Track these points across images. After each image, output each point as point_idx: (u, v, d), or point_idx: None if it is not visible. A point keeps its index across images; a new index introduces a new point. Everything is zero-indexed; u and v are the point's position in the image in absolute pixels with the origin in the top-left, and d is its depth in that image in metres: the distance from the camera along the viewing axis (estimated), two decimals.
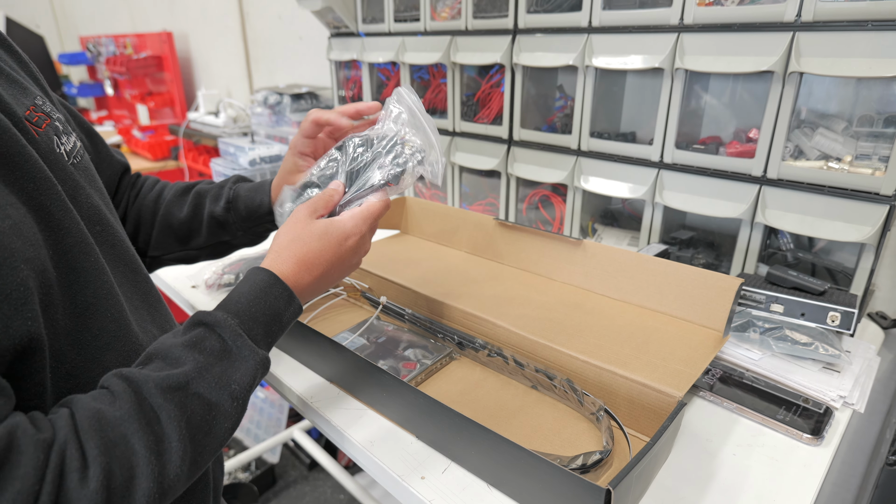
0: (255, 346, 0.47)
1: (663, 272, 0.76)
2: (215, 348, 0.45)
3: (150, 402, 0.40)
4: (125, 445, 0.37)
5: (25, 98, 0.48)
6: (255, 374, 0.46)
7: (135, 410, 0.39)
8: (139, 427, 0.38)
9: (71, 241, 0.45)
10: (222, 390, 0.43)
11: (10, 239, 0.37)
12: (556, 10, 1.05)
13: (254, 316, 0.48)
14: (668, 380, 0.61)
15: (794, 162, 0.85)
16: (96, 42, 3.08)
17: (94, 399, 0.39)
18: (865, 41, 0.73)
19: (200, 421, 0.41)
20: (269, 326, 0.49)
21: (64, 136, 0.51)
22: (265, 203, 0.71)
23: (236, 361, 0.45)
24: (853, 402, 0.69)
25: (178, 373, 0.42)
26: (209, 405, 0.42)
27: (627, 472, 0.47)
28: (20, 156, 0.42)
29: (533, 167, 1.16)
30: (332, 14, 1.46)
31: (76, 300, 0.45)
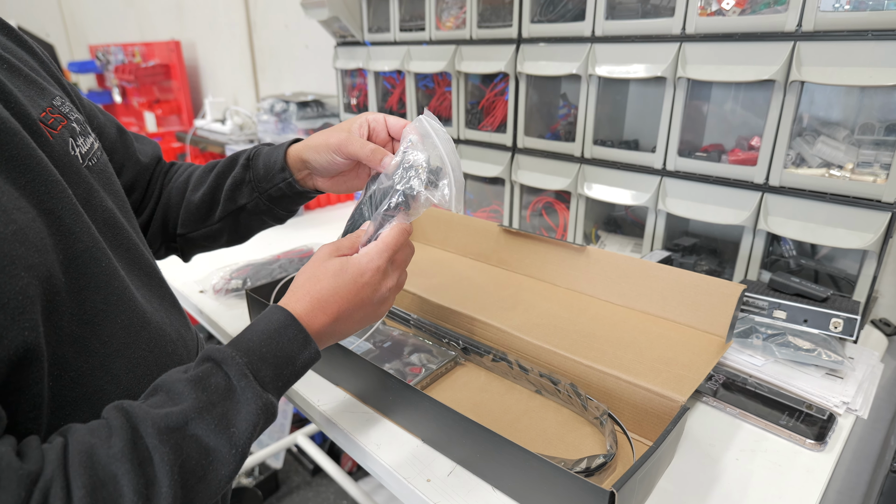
0: (261, 388, 0.44)
1: (666, 278, 0.77)
2: (220, 386, 0.43)
3: (145, 441, 0.38)
4: (113, 486, 0.35)
5: (42, 99, 0.48)
6: (258, 421, 0.43)
7: (128, 449, 0.37)
8: (130, 468, 0.36)
9: (81, 246, 0.44)
10: (221, 434, 0.41)
11: (11, 245, 0.37)
12: (560, 20, 1.06)
13: (264, 356, 0.45)
14: (672, 384, 0.61)
15: (796, 169, 0.85)
16: (105, 50, 3.12)
17: (90, 432, 0.38)
18: (866, 51, 0.74)
19: (195, 466, 0.39)
20: (280, 369, 0.46)
21: (81, 137, 0.50)
22: (279, 160, 0.66)
23: (239, 404, 0.42)
24: (856, 408, 0.69)
25: (176, 411, 0.40)
26: (206, 450, 0.40)
27: (631, 474, 0.48)
28: (31, 159, 0.41)
29: (537, 174, 1.17)
30: (338, 23, 1.48)
31: (85, 306, 0.44)
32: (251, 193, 0.69)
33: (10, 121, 0.41)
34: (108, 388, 0.46)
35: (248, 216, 0.71)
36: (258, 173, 0.68)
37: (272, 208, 0.70)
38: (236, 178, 0.68)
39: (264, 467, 1.90)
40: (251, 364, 0.44)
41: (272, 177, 0.67)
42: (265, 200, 0.69)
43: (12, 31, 0.52)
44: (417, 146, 0.58)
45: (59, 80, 0.55)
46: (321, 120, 1.78)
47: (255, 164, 0.68)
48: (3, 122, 0.40)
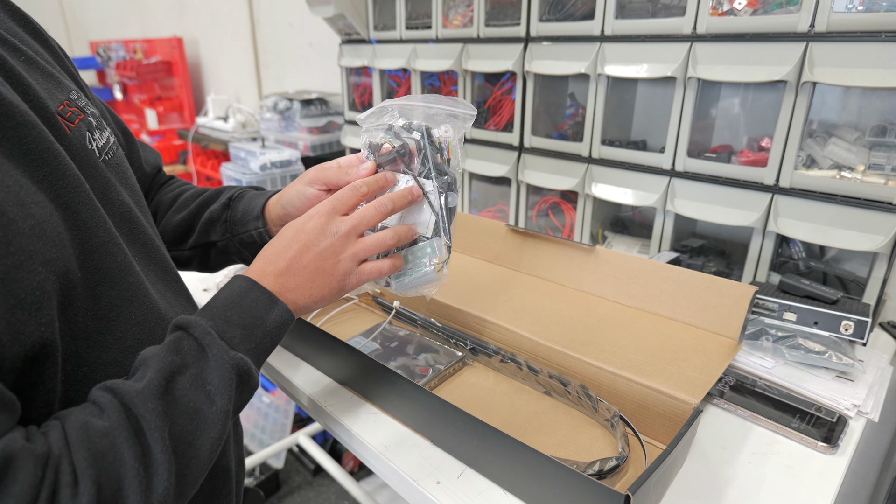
0: (228, 346, 0.45)
1: (676, 279, 0.76)
2: (192, 348, 0.44)
3: (133, 412, 0.39)
4: (113, 456, 0.36)
5: (60, 92, 0.47)
6: (230, 377, 0.43)
7: (121, 420, 0.38)
8: (127, 436, 0.37)
9: (97, 241, 0.44)
10: (198, 391, 0.42)
11: (29, 240, 0.37)
12: (569, 19, 1.06)
13: (228, 319, 0.46)
14: (684, 386, 0.61)
15: (807, 171, 0.85)
16: (106, 47, 3.12)
17: (82, 411, 0.38)
18: (879, 52, 0.74)
19: (182, 431, 0.40)
20: (249, 330, 0.47)
21: (97, 131, 0.50)
22: (257, 207, 0.66)
23: (210, 362, 0.43)
24: (867, 410, 0.69)
25: (155, 377, 0.41)
26: (189, 412, 0.41)
27: (646, 477, 0.47)
28: (49, 153, 0.41)
29: (543, 174, 1.17)
30: (343, 21, 1.47)
31: (100, 302, 0.44)
32: (224, 233, 0.69)
33: (29, 114, 0.40)
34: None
35: (218, 253, 0.70)
36: (235, 215, 0.68)
37: (241, 251, 0.69)
38: (213, 214, 0.69)
39: (265, 467, 1.90)
40: (216, 326, 0.45)
41: (246, 222, 0.67)
42: (236, 243, 0.68)
43: (29, 21, 0.51)
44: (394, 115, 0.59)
45: (73, 74, 0.55)
46: (325, 118, 1.78)
47: (235, 206, 0.68)
48: (22, 115, 0.40)
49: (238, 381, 0.44)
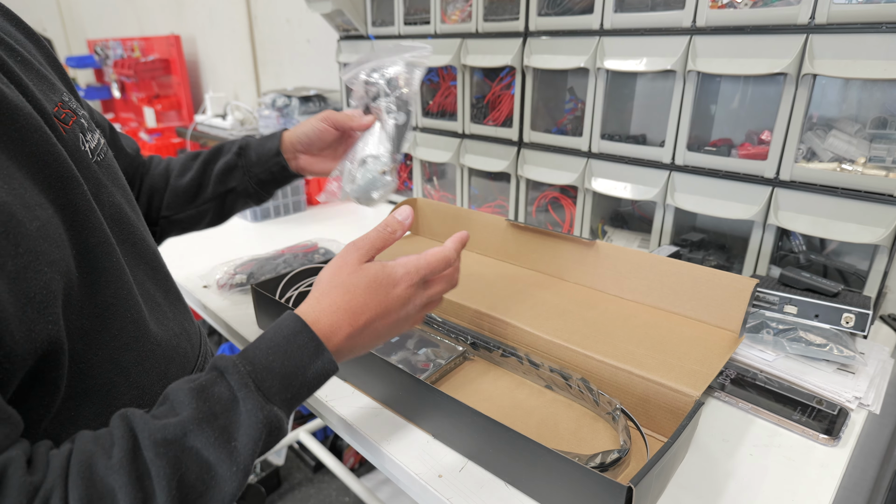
0: (264, 400, 0.41)
1: (677, 273, 0.76)
2: (222, 397, 0.40)
3: (143, 454, 0.36)
4: (110, 500, 0.34)
5: (53, 94, 0.47)
6: (260, 435, 0.40)
7: (127, 461, 0.36)
8: (128, 481, 0.35)
9: (94, 241, 0.44)
10: (221, 448, 0.38)
11: (36, 242, 0.37)
12: (568, 13, 1.05)
13: (269, 366, 0.42)
14: (685, 379, 0.61)
15: (807, 164, 0.85)
16: (104, 45, 3.10)
17: (94, 440, 0.37)
18: (880, 43, 0.73)
19: (195, 481, 0.37)
20: (288, 380, 0.43)
21: (89, 133, 0.50)
22: (274, 147, 0.76)
23: (241, 416, 0.40)
24: (869, 403, 0.69)
25: (174, 422, 0.38)
26: (206, 465, 0.38)
27: (648, 469, 0.47)
28: (50, 155, 0.41)
29: (543, 169, 1.17)
30: (341, 17, 1.47)
31: (96, 300, 0.44)
32: (242, 177, 0.77)
33: (32, 116, 0.41)
34: (117, 380, 0.46)
35: (234, 198, 0.79)
36: (250, 159, 0.77)
37: (258, 191, 0.79)
38: (228, 163, 0.76)
39: (266, 464, 1.90)
40: (255, 374, 0.42)
41: (265, 161, 0.76)
42: (254, 184, 0.78)
43: (21, 22, 0.51)
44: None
45: (62, 75, 0.55)
46: None
47: (247, 153, 0.77)
48: (26, 117, 0.40)
49: (266, 436, 0.41)
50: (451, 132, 1.34)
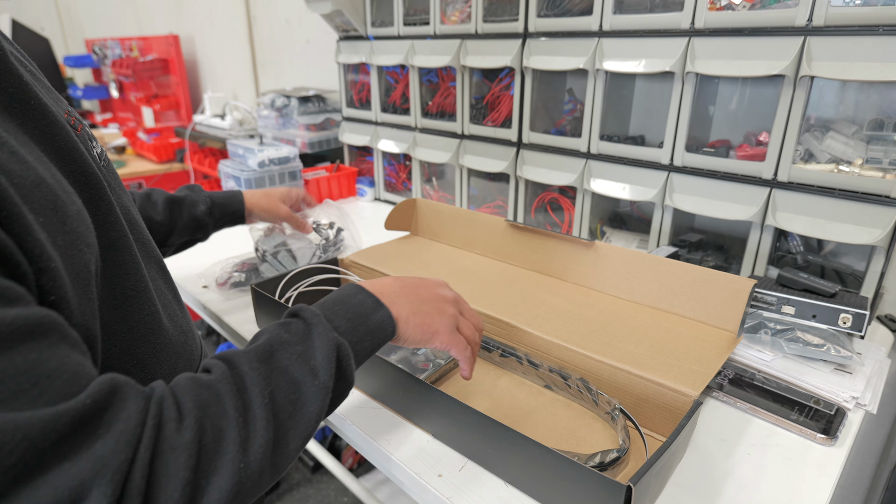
0: (333, 330, 0.47)
1: (676, 273, 0.76)
2: (299, 329, 0.46)
3: (239, 369, 0.41)
4: (217, 406, 0.38)
5: (60, 104, 0.49)
6: (332, 355, 0.45)
7: (226, 376, 0.40)
8: (230, 390, 0.39)
9: (115, 234, 0.47)
10: (303, 364, 0.44)
11: (76, 223, 0.39)
12: (567, 15, 1.06)
13: (335, 311, 0.49)
14: (684, 379, 0.61)
15: (805, 165, 0.85)
16: (102, 45, 3.10)
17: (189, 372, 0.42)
18: (877, 45, 0.74)
19: (283, 400, 0.41)
20: (353, 322, 0.49)
21: (93, 140, 0.52)
22: (240, 210, 0.94)
23: (316, 340, 0.46)
24: (866, 402, 0.69)
25: (263, 342, 0.44)
26: (292, 382, 0.42)
27: (647, 468, 0.47)
28: (75, 151, 0.44)
29: (542, 170, 1.17)
30: (341, 17, 1.47)
31: (115, 292, 0.46)
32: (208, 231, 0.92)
33: (57, 115, 0.43)
34: (133, 371, 0.47)
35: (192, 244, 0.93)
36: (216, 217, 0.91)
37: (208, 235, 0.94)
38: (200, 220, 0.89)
39: None
40: (324, 313, 0.48)
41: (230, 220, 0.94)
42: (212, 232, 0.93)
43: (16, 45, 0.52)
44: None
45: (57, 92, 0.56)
46: (323, 115, 1.77)
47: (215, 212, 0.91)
48: (53, 114, 0.42)
49: (337, 363, 0.46)
50: (451, 133, 1.34)
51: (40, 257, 0.34)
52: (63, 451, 0.30)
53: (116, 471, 0.31)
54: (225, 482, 0.36)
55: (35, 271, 0.34)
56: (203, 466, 0.35)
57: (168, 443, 0.34)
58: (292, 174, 1.48)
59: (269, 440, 0.39)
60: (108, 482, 0.30)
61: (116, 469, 0.31)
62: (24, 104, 0.40)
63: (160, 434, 0.34)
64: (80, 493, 0.29)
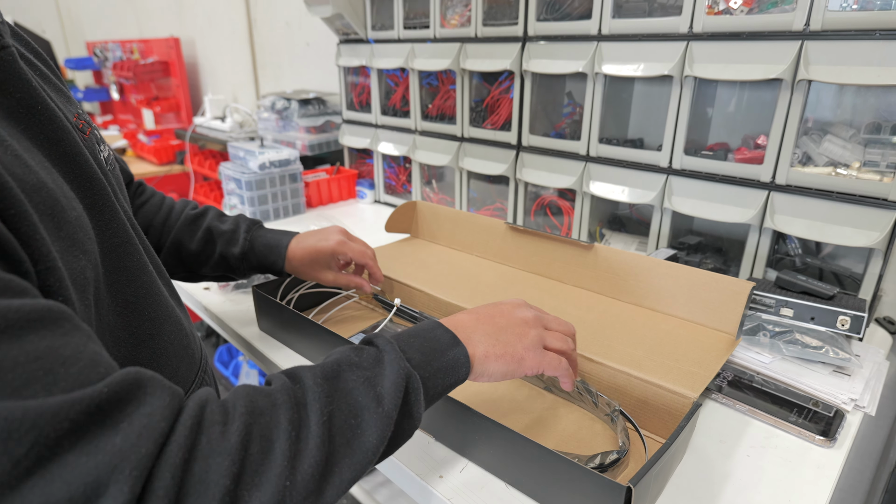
0: (406, 361, 0.45)
1: (675, 276, 0.77)
2: (371, 355, 0.45)
3: (302, 383, 0.39)
4: (271, 414, 0.36)
5: (70, 106, 0.50)
6: (401, 385, 0.43)
7: (287, 388, 0.38)
8: (287, 400, 0.37)
9: (118, 240, 0.47)
10: (369, 389, 0.41)
11: (74, 229, 0.39)
12: (566, 18, 1.06)
13: (409, 343, 0.47)
14: (683, 381, 0.62)
15: (803, 168, 0.86)
16: (103, 47, 3.11)
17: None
18: (874, 50, 0.74)
19: (343, 423, 0.39)
20: (427, 357, 0.47)
21: (101, 144, 0.53)
22: (278, 264, 0.79)
23: (386, 367, 0.43)
24: (864, 404, 0.70)
25: (330, 361, 0.43)
26: (354, 406, 0.40)
27: (647, 470, 0.48)
28: (80, 156, 0.44)
29: (541, 173, 1.17)
30: (341, 21, 1.47)
31: (117, 298, 0.46)
32: (243, 274, 0.81)
33: (64, 120, 0.43)
34: None
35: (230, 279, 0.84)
36: (251, 264, 0.80)
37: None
38: (231, 263, 0.79)
39: None
40: (399, 342, 0.47)
41: (263, 266, 0.80)
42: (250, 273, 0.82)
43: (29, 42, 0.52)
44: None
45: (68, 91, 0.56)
46: (323, 117, 1.78)
47: (249, 258, 0.79)
48: (59, 119, 0.42)
49: (405, 395, 0.43)
50: (450, 136, 1.34)
51: (47, 257, 0.34)
52: (78, 443, 0.28)
53: (135, 467, 0.29)
54: (267, 499, 0.33)
55: (42, 271, 0.34)
56: (246, 478, 0.33)
57: (210, 446, 0.32)
58: (293, 176, 1.48)
59: (321, 461, 0.36)
60: (126, 478, 0.28)
61: (135, 465, 0.29)
62: (30, 109, 0.41)
63: (200, 436, 0.32)
64: (95, 488, 0.28)
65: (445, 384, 0.47)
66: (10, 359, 0.28)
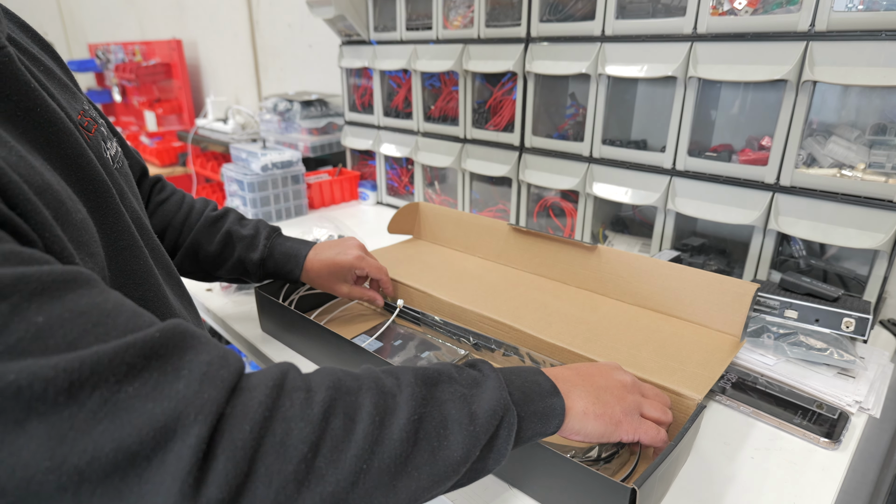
0: (507, 391, 0.43)
1: (679, 277, 0.76)
2: (471, 376, 0.43)
3: (399, 377, 0.38)
4: (356, 396, 0.35)
5: (76, 103, 0.49)
6: (497, 410, 0.41)
7: (374, 375, 0.38)
8: (376, 386, 0.36)
9: (123, 243, 0.46)
10: (464, 405, 0.40)
11: (79, 232, 0.38)
12: (569, 19, 1.06)
13: (511, 379, 0.45)
14: (687, 382, 0.61)
15: (807, 169, 0.86)
16: (105, 49, 3.12)
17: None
18: (879, 50, 0.74)
19: (431, 431, 0.37)
20: (527, 397, 0.44)
21: (108, 141, 0.52)
22: (295, 273, 0.80)
23: (486, 392, 0.42)
24: (869, 407, 0.69)
25: (431, 370, 0.42)
26: (445, 418, 0.38)
27: (651, 471, 0.47)
28: (82, 158, 0.43)
29: (544, 174, 1.17)
30: (344, 22, 1.48)
31: None
32: (259, 279, 0.82)
33: (65, 121, 0.42)
34: None
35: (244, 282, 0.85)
36: (268, 271, 0.80)
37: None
38: (248, 268, 0.79)
39: None
40: (504, 376, 0.44)
41: (281, 274, 0.80)
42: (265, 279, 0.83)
43: (35, 33, 0.52)
44: None
45: (77, 86, 0.56)
46: (325, 119, 1.78)
47: (266, 265, 0.80)
48: (61, 121, 0.41)
49: (498, 425, 0.41)
50: (453, 137, 1.34)
51: (62, 253, 0.34)
52: (141, 388, 0.28)
53: (200, 412, 0.29)
54: (342, 477, 0.32)
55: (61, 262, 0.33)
56: (325, 451, 0.32)
57: (294, 410, 0.32)
58: (295, 178, 1.48)
59: (401, 457, 0.34)
60: (192, 423, 0.28)
61: (200, 410, 0.29)
62: (28, 112, 0.40)
63: (283, 398, 0.32)
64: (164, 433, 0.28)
65: (536, 431, 0.45)
66: (55, 317, 0.28)
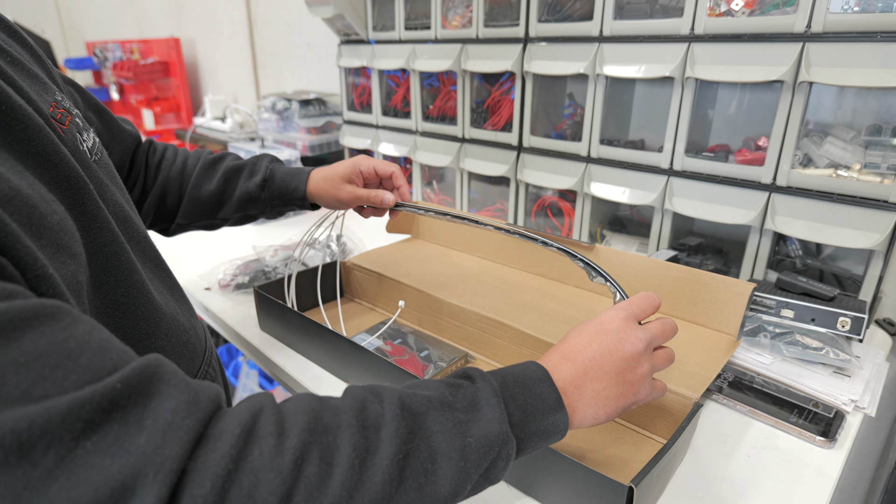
0: (506, 416, 0.40)
1: (675, 277, 0.77)
2: (467, 397, 0.40)
3: (384, 404, 0.36)
4: (334, 436, 0.33)
5: (47, 94, 0.46)
6: (491, 446, 0.38)
7: (357, 407, 0.35)
8: (356, 422, 0.34)
9: (103, 240, 0.44)
10: (455, 438, 0.37)
11: (58, 234, 0.37)
12: (567, 20, 1.06)
13: (513, 394, 0.42)
14: (684, 381, 0.62)
15: (804, 170, 0.86)
16: (103, 47, 3.11)
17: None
18: (875, 52, 0.75)
19: (418, 467, 0.35)
20: (527, 416, 0.41)
21: (84, 132, 0.49)
22: (300, 189, 0.77)
23: (481, 421, 0.38)
24: (864, 405, 0.70)
25: (422, 394, 0.38)
26: (434, 452, 0.36)
27: (649, 470, 0.48)
28: (55, 154, 0.41)
29: (542, 174, 1.18)
30: (342, 21, 1.48)
31: (106, 300, 0.44)
32: (264, 207, 0.80)
33: (34, 116, 0.40)
34: None
35: (251, 218, 0.83)
36: (273, 193, 0.78)
37: (275, 215, 0.84)
38: (252, 193, 0.78)
39: None
40: (504, 392, 0.41)
41: (288, 200, 0.79)
42: (272, 211, 0.81)
43: (5, 21, 0.50)
44: None
45: (49, 71, 0.54)
46: (324, 118, 1.78)
47: (272, 186, 0.78)
48: (29, 117, 0.39)
49: (493, 459, 0.38)
50: (451, 136, 1.35)
51: (34, 265, 0.32)
52: (99, 443, 0.26)
53: (160, 469, 0.27)
54: None
55: (31, 279, 0.32)
56: (298, 502, 0.30)
57: (262, 459, 0.30)
58: None
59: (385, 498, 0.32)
60: (152, 481, 0.27)
61: (161, 467, 0.27)
62: None
63: (251, 446, 0.30)
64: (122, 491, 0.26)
65: (536, 447, 0.43)
66: (9, 362, 0.26)
